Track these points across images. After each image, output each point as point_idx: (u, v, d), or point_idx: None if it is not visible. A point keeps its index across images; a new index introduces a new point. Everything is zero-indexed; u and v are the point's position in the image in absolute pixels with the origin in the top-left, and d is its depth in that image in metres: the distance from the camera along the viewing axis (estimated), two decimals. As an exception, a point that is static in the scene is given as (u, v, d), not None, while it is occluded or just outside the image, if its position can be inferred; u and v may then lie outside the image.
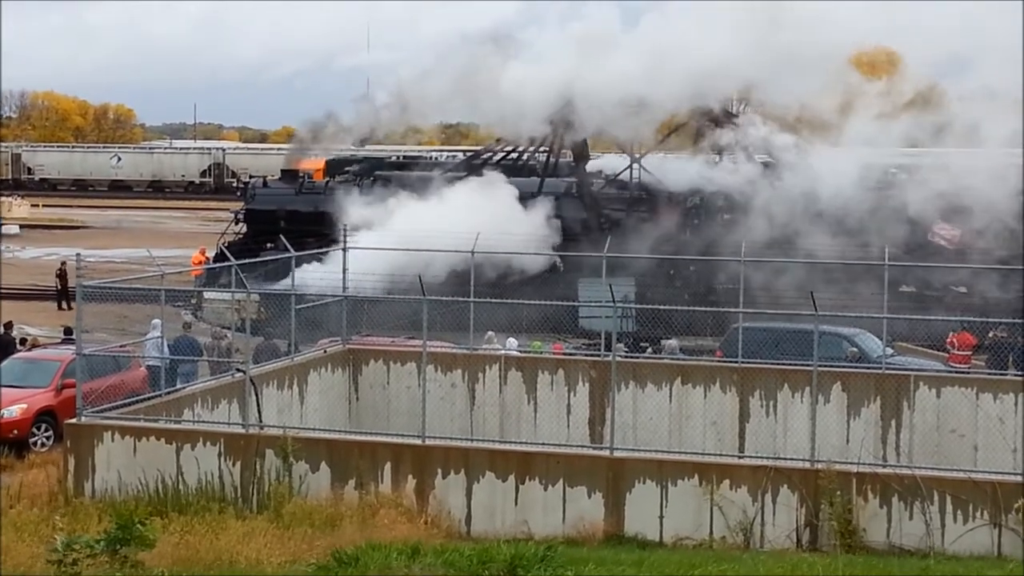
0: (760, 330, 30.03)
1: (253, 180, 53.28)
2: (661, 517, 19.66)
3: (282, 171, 51.10)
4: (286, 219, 45.44)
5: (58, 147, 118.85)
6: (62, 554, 14.32)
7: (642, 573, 15.84)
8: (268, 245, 44.66)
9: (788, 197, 40.95)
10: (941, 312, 36.30)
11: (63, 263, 47.85)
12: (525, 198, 42.83)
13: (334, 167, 51.48)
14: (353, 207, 41.64)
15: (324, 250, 33.56)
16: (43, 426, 27.09)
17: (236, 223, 48.81)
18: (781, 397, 25.87)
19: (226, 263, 25.72)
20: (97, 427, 21.42)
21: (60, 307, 46.85)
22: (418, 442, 21.03)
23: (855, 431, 25.31)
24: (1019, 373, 27.50)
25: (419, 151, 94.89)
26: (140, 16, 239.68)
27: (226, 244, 46.06)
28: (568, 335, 37.73)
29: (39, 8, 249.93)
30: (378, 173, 47.11)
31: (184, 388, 24.30)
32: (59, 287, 47.62)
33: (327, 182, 49.21)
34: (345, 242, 29.56)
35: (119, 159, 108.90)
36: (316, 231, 41.59)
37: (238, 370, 23.98)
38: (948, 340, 33.11)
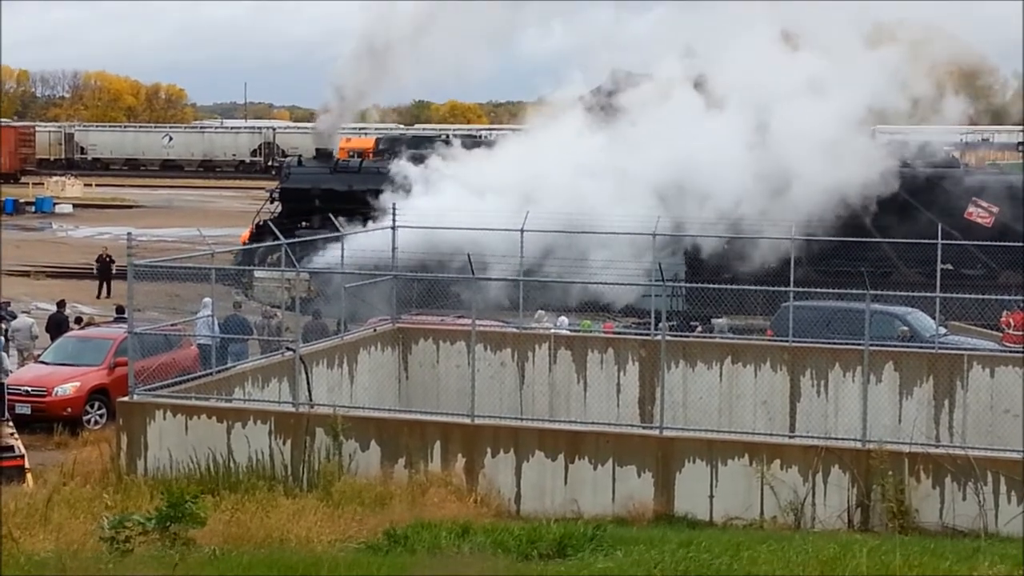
0: (811, 309, 29.82)
1: (288, 159, 53.17)
2: (711, 497, 19.59)
3: (316, 150, 50.90)
4: (320, 198, 45.37)
5: (110, 127, 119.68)
6: (115, 531, 14.40)
7: (691, 553, 15.76)
8: (303, 224, 44.69)
9: None
10: (994, 291, 35.96)
11: (105, 248, 47.72)
12: None
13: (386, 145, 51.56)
14: None
15: (374, 228, 33.50)
16: (96, 404, 27.35)
17: (271, 202, 48.87)
18: (832, 376, 25.68)
19: (276, 242, 25.74)
20: (149, 405, 21.56)
21: (99, 295, 44.87)
22: (467, 421, 21.03)
23: (907, 411, 25.12)
24: (1074, 353, 27.15)
25: (468, 130, 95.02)
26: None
27: (260, 223, 46.24)
28: (618, 314, 37.60)
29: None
30: (414, 152, 46.98)
31: (235, 367, 24.40)
32: (100, 272, 45.98)
33: (361, 161, 49.15)
34: (395, 220, 29.53)
35: (170, 139, 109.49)
36: (351, 209, 41.39)
37: (288, 349, 24.05)
38: (1003, 320, 32.79)
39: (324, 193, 45.68)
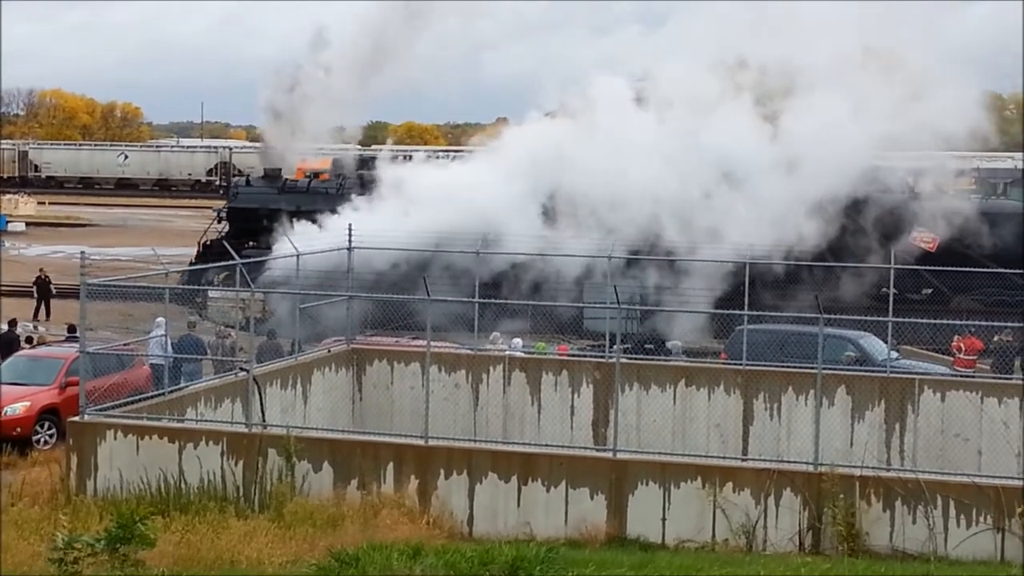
0: (765, 332, 29.97)
1: (236, 179, 52.98)
2: (664, 519, 19.62)
3: (265, 170, 50.63)
4: (268, 218, 45.17)
5: (65, 145, 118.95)
6: (63, 552, 14.30)
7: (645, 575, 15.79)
8: (250, 243, 44.49)
9: None
10: (945, 316, 36.22)
11: (41, 270, 47.15)
12: None
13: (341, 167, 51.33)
14: None
15: (330, 249, 33.37)
16: (46, 424, 27.06)
17: (219, 221, 48.65)
18: (785, 400, 25.82)
19: (231, 262, 25.64)
20: (100, 425, 21.40)
21: (36, 315, 43.92)
22: (421, 442, 21.00)
23: (859, 434, 25.28)
24: (1024, 377, 27.44)
25: (425, 151, 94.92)
26: (161, 15, 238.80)
27: (207, 242, 46.04)
28: (573, 336, 37.66)
29: (61, 8, 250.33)
30: (360, 172, 46.92)
31: (187, 387, 24.28)
32: (38, 292, 45.14)
33: (310, 181, 48.90)
34: (351, 242, 29.49)
35: (126, 157, 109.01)
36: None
37: (242, 369, 23.96)
38: (954, 344, 33.04)
39: (271, 213, 45.48)
